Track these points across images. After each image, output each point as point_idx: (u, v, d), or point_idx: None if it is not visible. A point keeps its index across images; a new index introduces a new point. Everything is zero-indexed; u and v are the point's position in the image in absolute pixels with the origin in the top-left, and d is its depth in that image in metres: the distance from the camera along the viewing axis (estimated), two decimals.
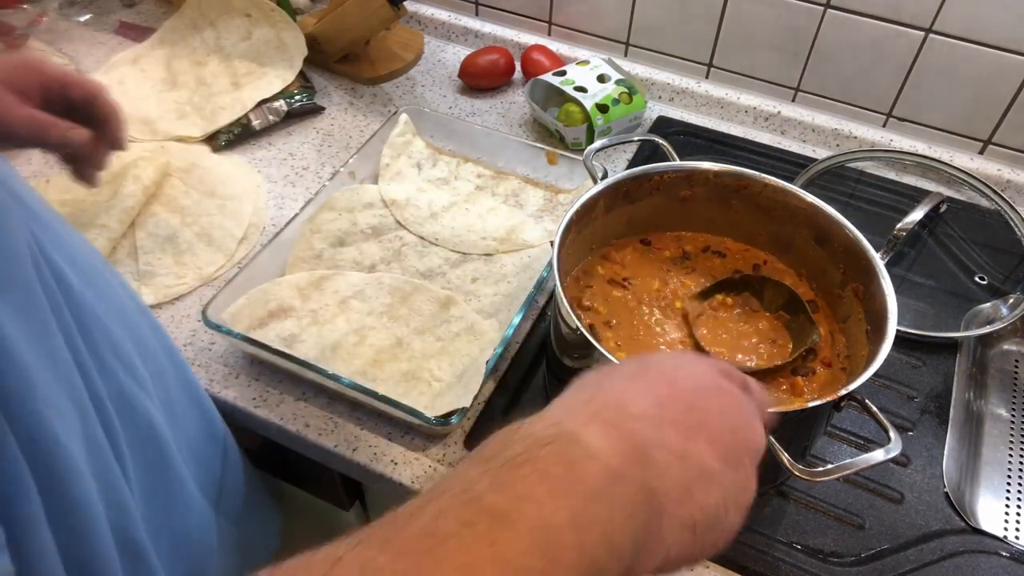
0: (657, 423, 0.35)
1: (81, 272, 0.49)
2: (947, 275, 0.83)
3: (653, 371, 0.38)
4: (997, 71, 0.87)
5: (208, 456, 0.63)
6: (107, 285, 0.54)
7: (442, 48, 1.13)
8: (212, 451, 0.64)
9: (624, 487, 0.31)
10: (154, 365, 0.56)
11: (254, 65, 1.01)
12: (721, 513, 0.36)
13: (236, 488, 0.68)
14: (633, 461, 0.32)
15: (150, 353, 0.56)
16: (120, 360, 0.51)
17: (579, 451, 0.31)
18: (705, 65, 1.03)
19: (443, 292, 0.75)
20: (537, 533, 0.28)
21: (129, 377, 0.51)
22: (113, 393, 0.49)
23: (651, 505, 0.32)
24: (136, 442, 0.51)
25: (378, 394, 0.64)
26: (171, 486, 0.56)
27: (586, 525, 0.29)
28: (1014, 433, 0.73)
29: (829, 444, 0.68)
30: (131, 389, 0.51)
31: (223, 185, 0.88)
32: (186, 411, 0.60)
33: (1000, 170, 0.93)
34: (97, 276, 0.52)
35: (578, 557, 0.28)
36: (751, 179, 0.67)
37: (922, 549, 0.61)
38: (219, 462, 0.65)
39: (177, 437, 0.57)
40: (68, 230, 0.52)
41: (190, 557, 0.58)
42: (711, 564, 0.60)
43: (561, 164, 0.88)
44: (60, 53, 1.05)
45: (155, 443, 0.54)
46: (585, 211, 0.65)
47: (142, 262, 0.79)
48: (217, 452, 0.65)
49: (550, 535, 0.28)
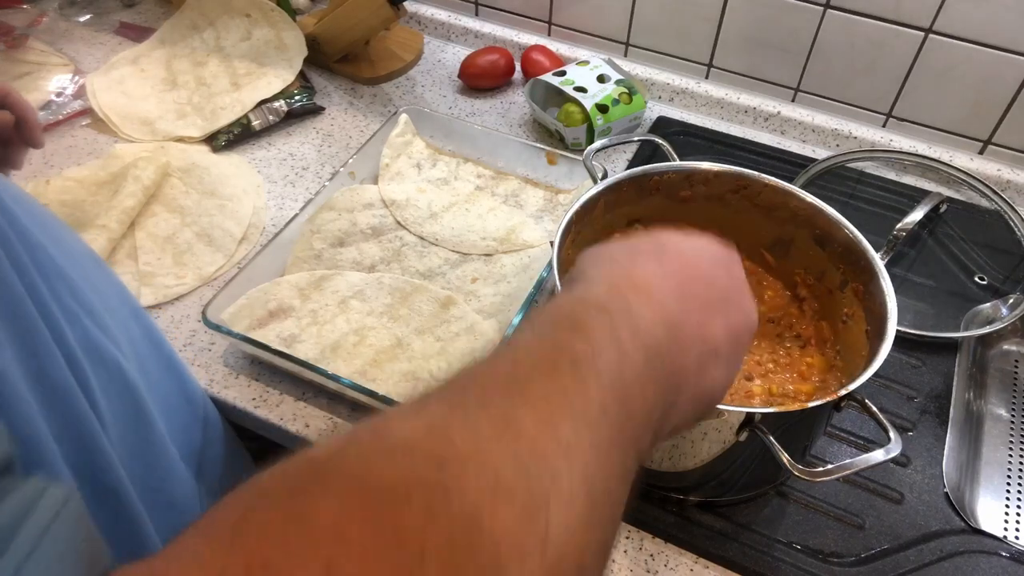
0: (682, 299, 0.37)
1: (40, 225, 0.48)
2: (947, 275, 0.83)
3: (673, 252, 0.40)
4: (997, 71, 0.87)
5: (187, 421, 0.62)
6: (68, 243, 0.52)
7: (442, 48, 1.13)
8: (190, 416, 0.63)
9: (663, 360, 0.34)
10: (120, 323, 0.55)
11: (254, 65, 1.01)
12: (719, 389, 0.39)
13: (216, 459, 0.66)
14: (671, 338, 0.35)
15: (113, 309, 0.55)
16: (82, 305, 0.49)
17: (636, 317, 0.34)
18: (705, 65, 1.03)
19: (443, 292, 0.75)
20: (615, 377, 0.31)
21: (93, 323, 0.50)
22: (79, 336, 0.48)
23: (676, 381, 0.35)
24: (113, 393, 0.50)
25: (378, 394, 0.64)
26: (153, 447, 0.54)
27: (645, 383, 0.33)
28: (1014, 433, 0.73)
29: (829, 444, 0.68)
30: (97, 336, 0.50)
31: (223, 185, 0.88)
32: (159, 373, 0.59)
33: (1000, 170, 0.93)
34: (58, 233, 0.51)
35: (641, 408, 0.32)
36: (751, 179, 0.67)
37: (922, 549, 0.61)
38: (199, 429, 0.64)
39: (153, 397, 0.55)
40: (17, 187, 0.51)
41: (173, 513, 0.57)
42: (711, 564, 0.60)
43: (561, 164, 0.88)
44: (60, 53, 1.05)
45: (131, 396, 0.52)
46: (585, 211, 0.65)
47: (142, 262, 0.79)
48: (196, 418, 0.63)
49: (625, 383, 0.31)
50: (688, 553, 0.61)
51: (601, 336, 0.32)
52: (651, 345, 0.34)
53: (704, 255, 0.42)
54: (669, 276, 0.38)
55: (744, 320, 0.41)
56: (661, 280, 0.38)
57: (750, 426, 0.50)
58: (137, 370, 0.54)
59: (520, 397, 0.28)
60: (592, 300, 0.35)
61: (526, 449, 0.26)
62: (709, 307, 0.39)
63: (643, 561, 0.60)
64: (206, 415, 0.65)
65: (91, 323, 0.50)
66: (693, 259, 0.41)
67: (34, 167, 0.90)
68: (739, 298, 0.41)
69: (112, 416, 0.49)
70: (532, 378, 0.29)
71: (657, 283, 0.37)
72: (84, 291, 0.50)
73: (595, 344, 0.31)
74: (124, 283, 0.59)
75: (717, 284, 0.40)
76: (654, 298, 0.36)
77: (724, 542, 0.61)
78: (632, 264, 0.39)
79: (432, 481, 0.24)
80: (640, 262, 0.39)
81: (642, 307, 0.35)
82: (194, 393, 0.64)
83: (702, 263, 0.41)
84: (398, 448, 0.25)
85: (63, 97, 0.98)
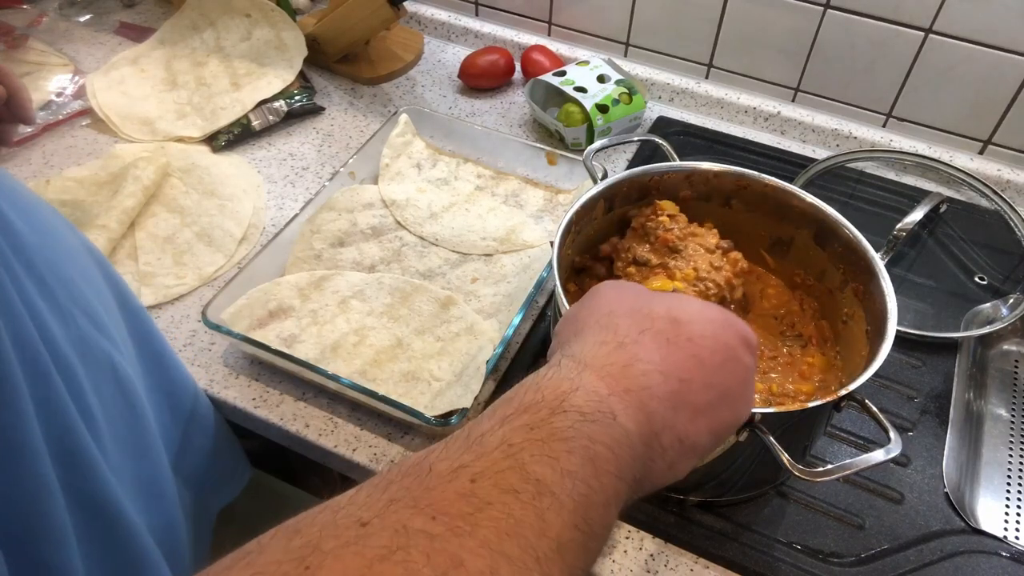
0: (675, 406, 0.37)
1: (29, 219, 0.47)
2: (947, 275, 0.83)
3: (684, 337, 0.39)
4: (997, 71, 0.87)
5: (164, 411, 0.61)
6: (60, 237, 0.52)
7: (442, 48, 1.13)
8: (168, 407, 0.62)
9: (637, 468, 0.35)
10: (113, 316, 0.54)
11: (254, 65, 1.01)
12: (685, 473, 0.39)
13: (201, 452, 0.66)
14: (648, 445, 0.35)
15: (107, 303, 0.54)
16: (77, 304, 0.49)
17: (618, 432, 0.34)
18: (705, 65, 1.03)
19: (443, 292, 0.75)
20: (580, 509, 0.30)
21: (89, 322, 0.49)
22: (74, 337, 0.47)
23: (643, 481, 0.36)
24: (106, 391, 0.49)
25: (378, 394, 0.64)
26: (144, 439, 0.54)
27: (614, 503, 0.33)
28: (1014, 433, 0.73)
29: (829, 444, 0.68)
30: (93, 335, 0.49)
31: (223, 185, 0.88)
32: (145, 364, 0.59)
33: (1000, 170, 0.93)
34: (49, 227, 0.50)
35: (604, 529, 0.32)
36: (751, 179, 0.67)
37: (922, 549, 0.61)
38: (181, 421, 0.63)
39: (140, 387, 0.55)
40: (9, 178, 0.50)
41: (161, 506, 0.57)
42: (711, 564, 0.60)
43: (561, 164, 0.88)
44: (60, 53, 1.05)
45: (124, 391, 0.52)
46: (585, 211, 0.65)
47: (142, 262, 0.79)
48: (178, 410, 0.63)
49: (589, 512, 0.31)
50: (688, 553, 0.61)
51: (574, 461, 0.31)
52: (626, 458, 0.34)
53: (717, 345, 0.39)
54: (669, 375, 0.37)
55: (732, 419, 0.40)
56: (658, 382, 0.37)
57: (750, 426, 0.50)
58: (128, 364, 0.54)
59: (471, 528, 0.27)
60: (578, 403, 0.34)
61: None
62: (699, 412, 0.38)
63: (643, 561, 0.60)
64: (194, 410, 0.65)
65: (87, 322, 0.49)
66: (702, 351, 0.39)
67: (34, 167, 0.90)
68: (734, 399, 0.40)
69: (104, 414, 0.49)
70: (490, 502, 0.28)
71: (653, 386, 0.36)
72: (79, 286, 0.50)
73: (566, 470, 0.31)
74: (118, 273, 0.59)
75: (718, 386, 0.39)
76: (645, 406, 0.36)
77: (724, 542, 0.61)
78: (636, 345, 0.38)
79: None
80: (645, 345, 0.38)
81: (628, 419, 0.34)
82: (180, 387, 0.64)
83: (711, 357, 0.39)
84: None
85: (63, 97, 0.98)
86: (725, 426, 0.40)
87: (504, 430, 0.32)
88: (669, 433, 0.36)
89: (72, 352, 0.47)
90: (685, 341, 0.39)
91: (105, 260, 0.58)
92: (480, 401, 0.69)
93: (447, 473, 0.30)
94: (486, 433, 0.32)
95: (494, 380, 0.71)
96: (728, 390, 0.39)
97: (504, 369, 0.72)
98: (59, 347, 0.45)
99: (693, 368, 0.38)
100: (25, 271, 0.44)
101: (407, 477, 0.30)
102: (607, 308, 0.40)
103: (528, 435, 0.31)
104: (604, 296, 0.43)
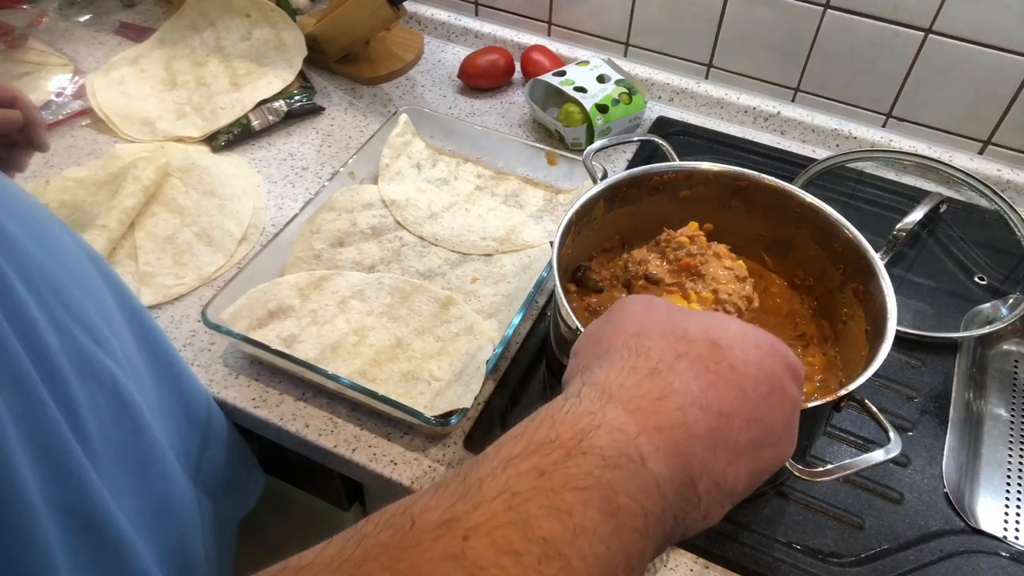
0: (713, 446, 0.32)
1: (25, 227, 0.45)
2: (947, 275, 0.83)
3: (725, 365, 0.34)
4: (997, 71, 0.87)
5: (182, 425, 0.60)
6: (57, 241, 0.50)
7: (442, 48, 1.13)
8: (186, 420, 0.61)
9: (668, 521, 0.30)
10: (116, 328, 0.53)
11: (254, 65, 1.01)
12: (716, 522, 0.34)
13: (217, 462, 0.65)
14: (682, 494, 0.30)
15: (109, 314, 0.52)
16: (74, 317, 0.46)
17: (646, 480, 0.29)
18: (705, 65, 1.03)
19: (443, 292, 0.75)
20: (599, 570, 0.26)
21: (86, 335, 0.47)
22: (69, 350, 0.44)
23: (672, 534, 0.31)
24: (104, 407, 0.47)
25: (378, 394, 0.64)
26: (148, 454, 0.52)
27: (638, 565, 0.28)
28: (1014, 433, 0.73)
29: (829, 444, 0.68)
30: (89, 349, 0.47)
31: (223, 185, 0.88)
32: (154, 377, 0.57)
33: (1000, 170, 0.93)
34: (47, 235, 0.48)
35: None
36: (751, 179, 0.67)
37: (922, 549, 0.61)
38: (198, 433, 0.62)
39: (147, 402, 0.53)
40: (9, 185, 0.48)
41: (172, 527, 0.55)
42: (711, 564, 0.60)
43: (561, 164, 0.88)
44: (60, 53, 1.05)
45: (125, 407, 0.50)
46: (585, 211, 0.65)
47: (142, 262, 0.79)
48: (194, 422, 0.62)
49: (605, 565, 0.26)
50: (688, 553, 0.61)
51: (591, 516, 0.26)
52: (655, 512, 0.29)
53: (762, 375, 0.34)
54: (709, 410, 0.32)
55: (775, 459, 0.35)
56: (697, 418, 0.31)
57: None
58: (132, 377, 0.52)
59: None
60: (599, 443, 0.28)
61: None
62: (740, 453, 0.33)
63: None
64: (209, 418, 0.65)
65: (83, 335, 0.47)
66: (746, 381, 0.34)
67: (34, 167, 0.90)
68: (779, 437, 0.35)
69: (102, 430, 0.47)
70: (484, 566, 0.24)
71: (691, 423, 0.31)
72: (78, 299, 0.48)
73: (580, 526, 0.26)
74: (124, 283, 0.58)
75: (762, 422, 0.34)
76: (680, 448, 0.30)
77: (724, 542, 0.61)
78: (671, 373, 0.32)
79: None
80: (681, 373, 0.33)
81: (660, 464, 0.29)
82: (194, 396, 0.63)
83: (756, 389, 0.34)
84: None
85: (63, 97, 0.98)
86: (767, 467, 0.35)
87: (508, 475, 0.27)
88: (707, 478, 0.31)
89: (68, 366, 0.44)
90: (727, 369, 0.34)
91: (111, 271, 0.57)
92: (480, 401, 0.69)
93: (434, 526, 0.25)
94: (485, 478, 0.27)
95: (494, 380, 0.71)
96: (772, 426, 0.34)
97: (504, 369, 0.72)
98: (53, 362, 0.43)
99: (736, 401, 0.33)
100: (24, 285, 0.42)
101: (386, 530, 0.25)
102: (636, 327, 0.35)
103: (537, 482, 0.26)
104: (631, 312, 0.37)
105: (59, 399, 0.42)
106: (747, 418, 0.33)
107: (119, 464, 0.49)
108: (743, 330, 0.36)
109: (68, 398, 0.44)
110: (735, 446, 0.33)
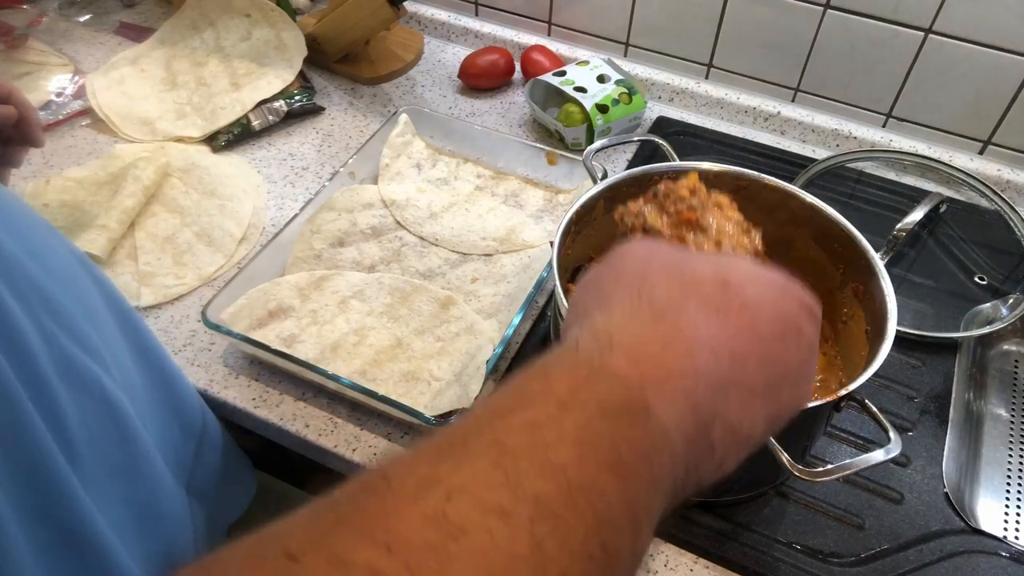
0: (726, 390, 0.30)
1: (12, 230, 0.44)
2: (947, 275, 0.83)
3: (737, 304, 0.32)
4: (997, 71, 0.87)
5: (175, 433, 0.59)
6: (46, 245, 0.48)
7: (442, 48, 1.13)
8: (179, 427, 0.59)
9: (678, 473, 0.28)
10: (106, 335, 0.51)
11: (254, 65, 1.01)
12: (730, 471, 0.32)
13: (212, 468, 0.64)
14: (693, 443, 0.28)
15: (99, 320, 0.51)
16: (60, 324, 0.45)
17: (652, 431, 0.26)
18: (705, 65, 1.03)
19: (443, 292, 0.75)
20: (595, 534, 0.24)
21: (72, 341, 0.45)
22: (56, 356, 0.43)
23: (688, 485, 0.30)
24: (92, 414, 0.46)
25: (378, 394, 0.64)
26: (138, 462, 0.51)
27: (645, 522, 0.26)
28: (1014, 433, 0.73)
29: (829, 444, 0.68)
30: (76, 355, 0.45)
31: (223, 185, 0.88)
32: (147, 385, 0.56)
33: (1000, 170, 0.93)
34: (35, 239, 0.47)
35: (631, 556, 0.26)
36: (751, 179, 0.67)
37: (922, 549, 0.61)
38: (192, 440, 0.61)
39: (139, 410, 0.52)
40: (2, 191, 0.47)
41: (161, 533, 0.54)
42: (711, 564, 0.60)
43: (561, 164, 0.88)
44: (60, 53, 1.05)
45: (113, 414, 0.48)
46: (585, 211, 0.65)
47: (142, 262, 0.79)
48: (188, 429, 0.61)
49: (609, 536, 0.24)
50: (688, 553, 0.61)
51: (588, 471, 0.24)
52: (663, 464, 0.27)
53: (775, 314, 0.32)
54: (720, 353, 0.30)
55: (793, 402, 0.33)
56: (707, 362, 0.29)
57: None
58: (122, 384, 0.51)
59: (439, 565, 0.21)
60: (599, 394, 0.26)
61: None
62: (754, 395, 0.31)
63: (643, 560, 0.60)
64: (204, 425, 0.63)
65: (71, 342, 0.46)
66: (759, 320, 0.32)
67: (34, 167, 0.90)
68: (796, 378, 0.33)
69: (89, 437, 0.46)
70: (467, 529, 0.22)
71: (701, 367, 0.29)
72: (66, 305, 0.47)
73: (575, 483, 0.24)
74: (121, 286, 0.57)
75: (777, 362, 0.32)
76: (690, 395, 0.28)
77: (724, 542, 0.61)
78: (678, 316, 0.30)
79: None
80: (689, 315, 0.30)
81: (667, 413, 0.27)
82: (188, 403, 0.61)
83: (770, 328, 0.32)
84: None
85: (63, 97, 0.98)
86: (784, 411, 0.33)
87: (496, 430, 0.25)
88: (720, 424, 0.29)
89: (54, 374, 0.43)
90: (738, 309, 0.31)
91: (102, 275, 0.55)
92: None
93: (413, 487, 0.23)
94: (471, 434, 0.25)
95: (494, 380, 0.71)
96: (788, 368, 0.32)
97: (504, 369, 0.72)
98: (39, 369, 0.42)
99: (748, 341, 0.31)
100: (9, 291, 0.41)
101: (361, 493, 0.23)
102: (639, 270, 0.32)
103: (528, 437, 0.24)
104: (633, 256, 0.34)
105: (43, 407, 0.41)
106: (761, 359, 0.31)
107: (106, 471, 0.47)
108: (753, 268, 0.33)
109: (53, 406, 0.42)
110: (750, 389, 0.31)
